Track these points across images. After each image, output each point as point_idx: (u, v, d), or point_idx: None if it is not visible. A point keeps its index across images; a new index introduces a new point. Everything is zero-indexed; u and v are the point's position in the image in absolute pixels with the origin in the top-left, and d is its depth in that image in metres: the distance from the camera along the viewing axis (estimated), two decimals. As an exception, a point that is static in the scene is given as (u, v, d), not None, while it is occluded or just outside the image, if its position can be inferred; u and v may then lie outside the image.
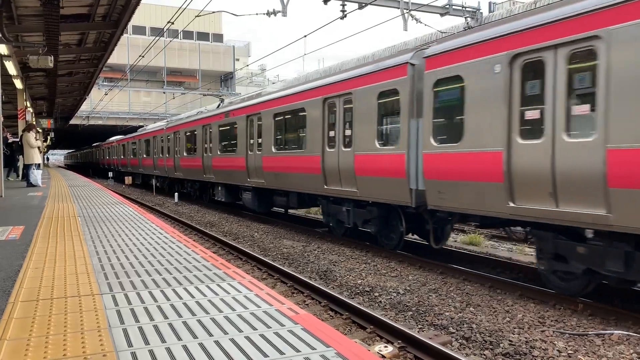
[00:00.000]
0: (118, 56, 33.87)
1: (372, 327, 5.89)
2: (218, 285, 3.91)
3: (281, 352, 2.58)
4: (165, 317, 3.14)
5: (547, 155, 6.38)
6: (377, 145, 9.58)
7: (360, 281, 8.14)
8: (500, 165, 6.97)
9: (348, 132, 10.53)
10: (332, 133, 11.11)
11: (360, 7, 14.99)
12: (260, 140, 14.61)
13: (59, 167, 69.75)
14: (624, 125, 5.56)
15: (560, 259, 6.71)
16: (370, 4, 15.07)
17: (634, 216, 5.49)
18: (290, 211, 17.74)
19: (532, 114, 6.67)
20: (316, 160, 11.48)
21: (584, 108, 6.08)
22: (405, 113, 8.88)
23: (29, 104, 21.72)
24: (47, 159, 58.60)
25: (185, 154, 21.97)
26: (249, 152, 15.36)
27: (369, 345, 5.42)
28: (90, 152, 65.03)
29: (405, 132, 8.87)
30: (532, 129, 6.68)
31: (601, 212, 5.79)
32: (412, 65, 8.83)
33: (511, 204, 6.92)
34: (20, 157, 18.72)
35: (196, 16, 16.21)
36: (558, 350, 5.25)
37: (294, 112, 12.82)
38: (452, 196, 7.96)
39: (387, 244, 10.25)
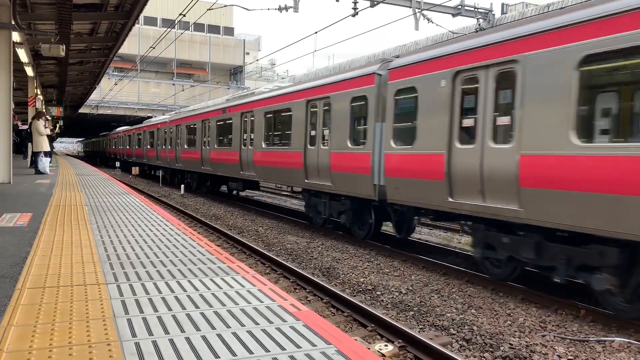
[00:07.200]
0: (129, 46, 33.99)
1: (373, 325, 5.92)
2: (222, 279, 3.94)
3: (282, 348, 2.61)
4: (169, 308, 3.17)
5: (477, 158, 7.52)
6: (349, 145, 10.60)
7: (362, 279, 8.16)
8: (442, 165, 8.07)
9: (326, 132, 11.62)
10: (313, 132, 12.14)
11: (372, 5, 14.96)
12: (252, 136, 15.56)
13: (67, 155, 69.96)
14: (532, 134, 6.64)
15: (490, 248, 7.73)
16: (382, 2, 15.03)
17: (539, 212, 6.57)
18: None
19: (467, 122, 7.80)
20: (299, 156, 12.51)
21: (506, 120, 7.16)
22: (372, 117, 9.92)
23: (39, 92, 21.88)
24: (53, 147, 58.49)
25: (185, 146, 22.94)
26: (242, 147, 16.30)
27: (370, 343, 5.45)
28: (98, 142, 65.31)
29: (371, 133, 9.91)
30: (468, 136, 7.82)
31: (514, 207, 6.87)
32: (379, 75, 9.87)
33: (450, 199, 7.96)
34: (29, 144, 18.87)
35: (208, 9, 16.23)
36: (558, 356, 5.26)
37: (281, 111, 13.78)
38: (404, 191, 9.09)
39: (360, 233, 11.22)
